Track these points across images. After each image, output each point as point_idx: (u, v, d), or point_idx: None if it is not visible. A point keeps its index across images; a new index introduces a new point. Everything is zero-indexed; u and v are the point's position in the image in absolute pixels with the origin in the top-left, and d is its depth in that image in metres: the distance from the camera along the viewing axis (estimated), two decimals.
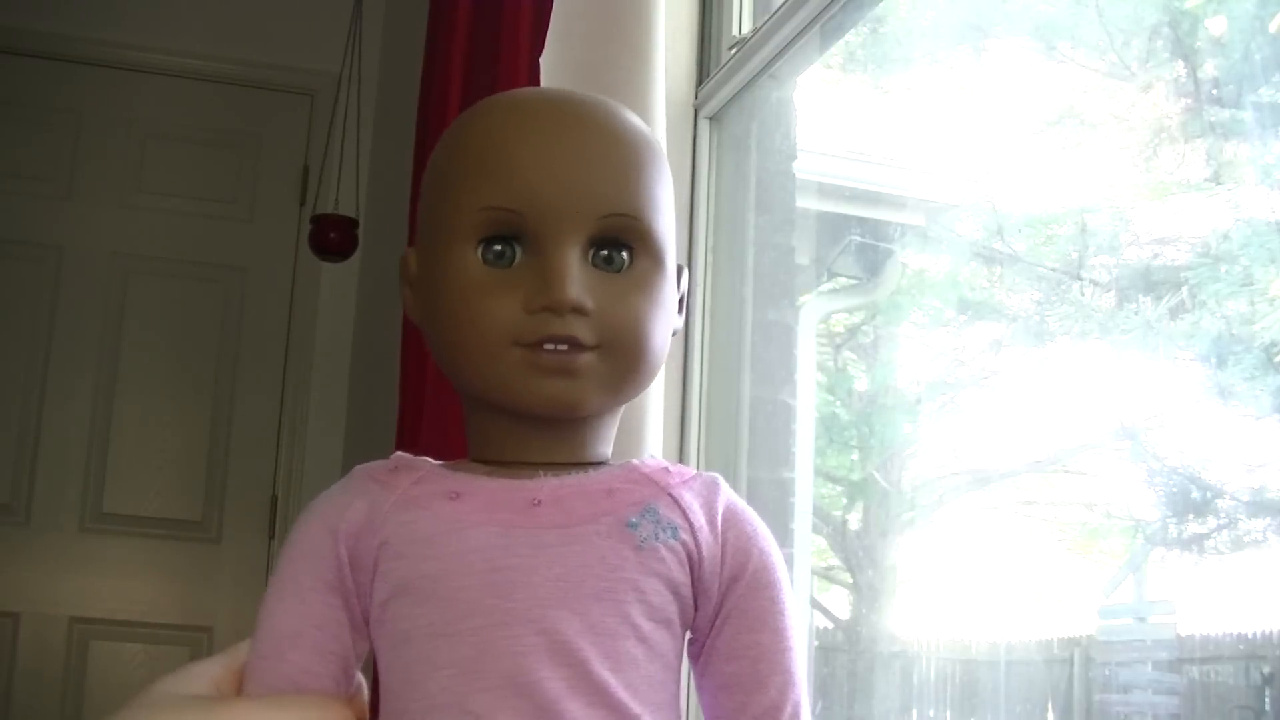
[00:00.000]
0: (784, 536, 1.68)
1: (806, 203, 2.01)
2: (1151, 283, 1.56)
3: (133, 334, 3.19)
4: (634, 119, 0.66)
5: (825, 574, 2.72)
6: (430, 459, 0.67)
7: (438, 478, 0.65)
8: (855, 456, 2.68)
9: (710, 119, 1.69)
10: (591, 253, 0.62)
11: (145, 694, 0.61)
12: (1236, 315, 1.34)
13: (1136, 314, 1.52)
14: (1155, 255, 1.66)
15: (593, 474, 0.64)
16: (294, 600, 0.62)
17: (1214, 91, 1.49)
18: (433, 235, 0.64)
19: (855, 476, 2.68)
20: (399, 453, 0.67)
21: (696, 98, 1.69)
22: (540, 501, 0.62)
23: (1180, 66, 1.55)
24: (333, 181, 2.95)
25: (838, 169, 2.38)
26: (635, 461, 0.66)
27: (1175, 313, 1.46)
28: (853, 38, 2.14)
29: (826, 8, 1.45)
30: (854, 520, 2.72)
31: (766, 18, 1.57)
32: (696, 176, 1.67)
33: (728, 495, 0.67)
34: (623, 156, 0.64)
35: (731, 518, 0.66)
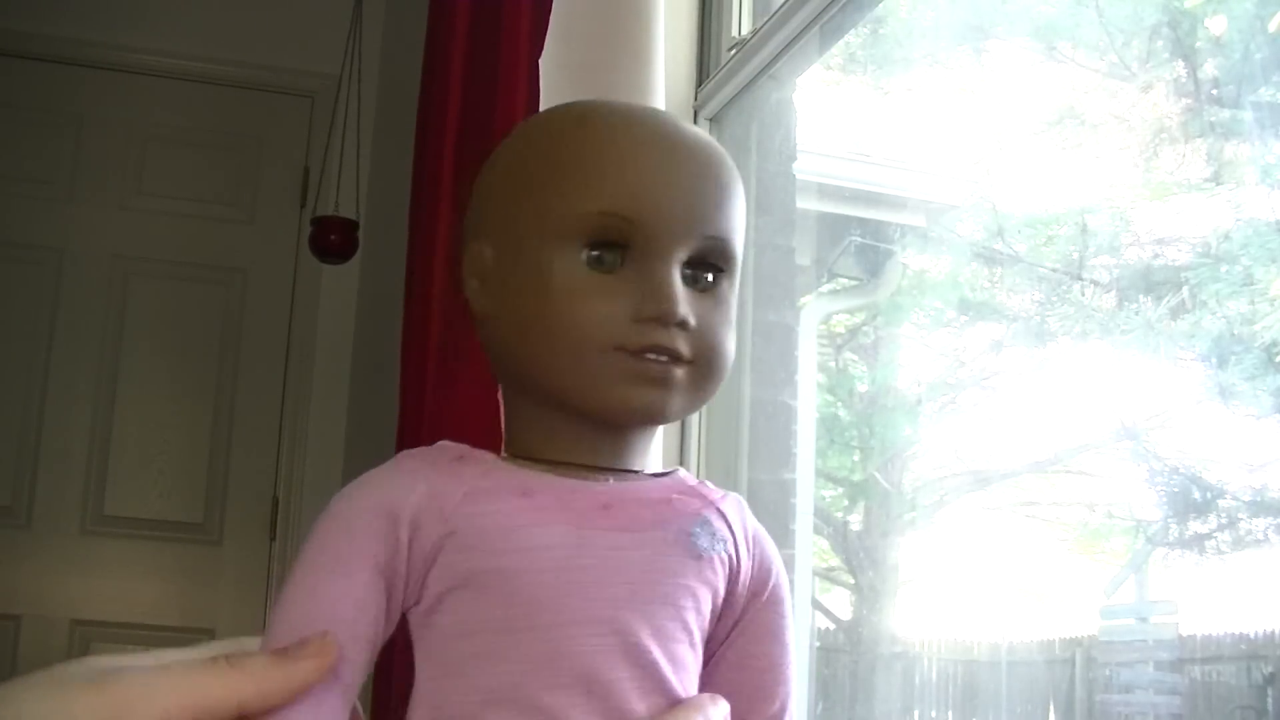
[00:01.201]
0: (785, 538, 1.68)
1: (807, 204, 2.01)
2: (1152, 283, 1.56)
3: (134, 336, 3.19)
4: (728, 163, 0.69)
5: (826, 575, 2.72)
6: (488, 452, 0.65)
7: (504, 473, 0.64)
8: (856, 457, 2.68)
9: (710, 120, 1.69)
10: (683, 269, 0.64)
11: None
12: (1237, 315, 1.34)
13: (1137, 314, 1.52)
14: (1156, 255, 1.66)
15: (647, 482, 0.66)
16: (340, 577, 0.59)
17: (1214, 91, 1.49)
18: (519, 233, 0.63)
19: (856, 477, 2.68)
20: (449, 442, 0.65)
21: (696, 99, 1.69)
22: (609, 505, 0.63)
23: (1180, 67, 1.55)
24: (333, 183, 2.95)
25: (838, 170, 2.38)
26: (681, 473, 0.68)
27: (1176, 313, 1.46)
28: (853, 38, 2.14)
29: (826, 8, 1.45)
30: (855, 521, 2.72)
31: (766, 18, 1.57)
32: None
33: (751, 514, 0.69)
34: (724, 180, 0.66)
35: (758, 536, 0.68)
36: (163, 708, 0.50)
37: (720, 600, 0.65)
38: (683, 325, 0.62)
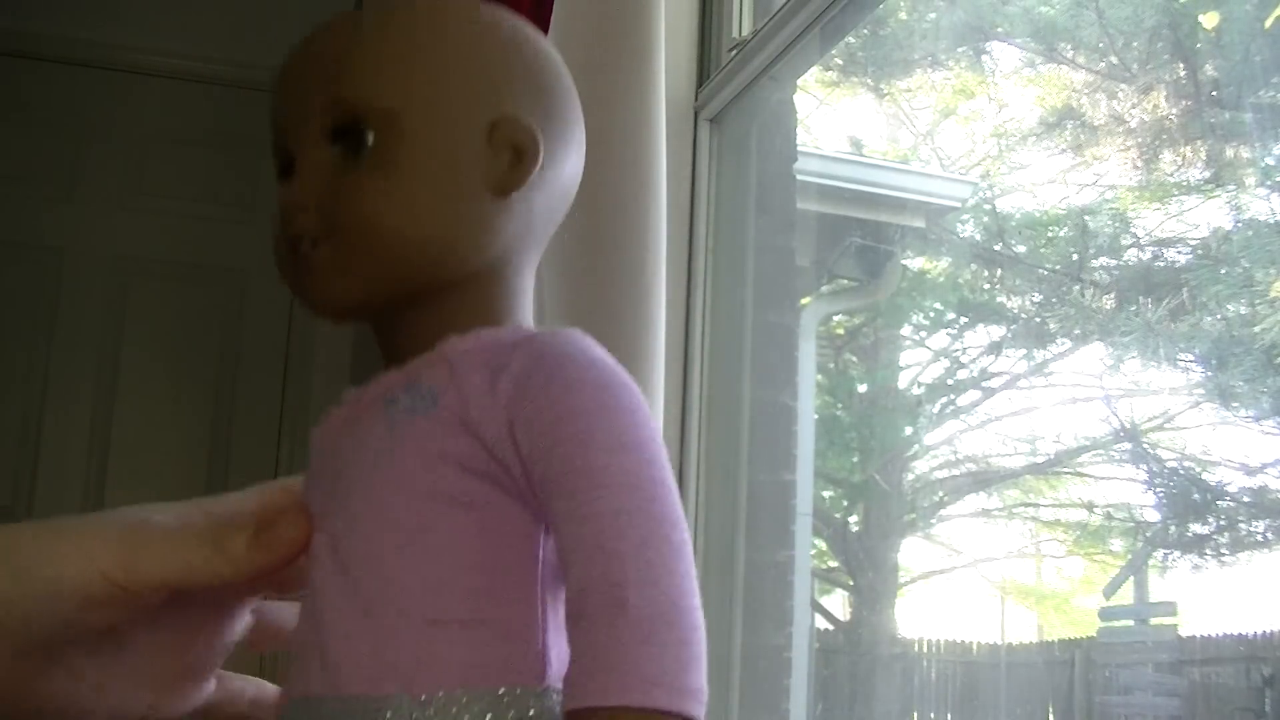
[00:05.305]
0: (784, 539, 1.68)
1: (807, 205, 2.02)
2: (1152, 284, 1.56)
3: (134, 336, 3.20)
4: (398, 9, 0.63)
5: (826, 576, 2.72)
6: None
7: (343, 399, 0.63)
8: (856, 459, 2.68)
9: (710, 121, 1.69)
10: (343, 145, 0.59)
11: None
12: (1237, 317, 1.34)
13: (1137, 315, 1.52)
14: (1155, 257, 1.66)
15: (406, 363, 0.58)
16: None
17: (1214, 93, 1.49)
18: None
19: (856, 478, 2.68)
20: None
21: (697, 99, 1.69)
22: (359, 400, 0.59)
23: (1180, 68, 1.55)
24: None
25: (838, 171, 2.38)
26: (463, 335, 0.58)
27: (1175, 314, 1.46)
28: (853, 39, 2.14)
29: (826, 9, 1.45)
30: (854, 522, 2.73)
31: (766, 19, 1.57)
32: (697, 178, 1.67)
33: (536, 349, 0.55)
34: (348, 41, 0.61)
35: (525, 373, 0.53)
36: (156, 567, 0.56)
37: (487, 463, 0.54)
38: (298, 206, 0.59)
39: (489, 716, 0.51)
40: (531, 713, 0.51)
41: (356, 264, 0.58)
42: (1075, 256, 1.75)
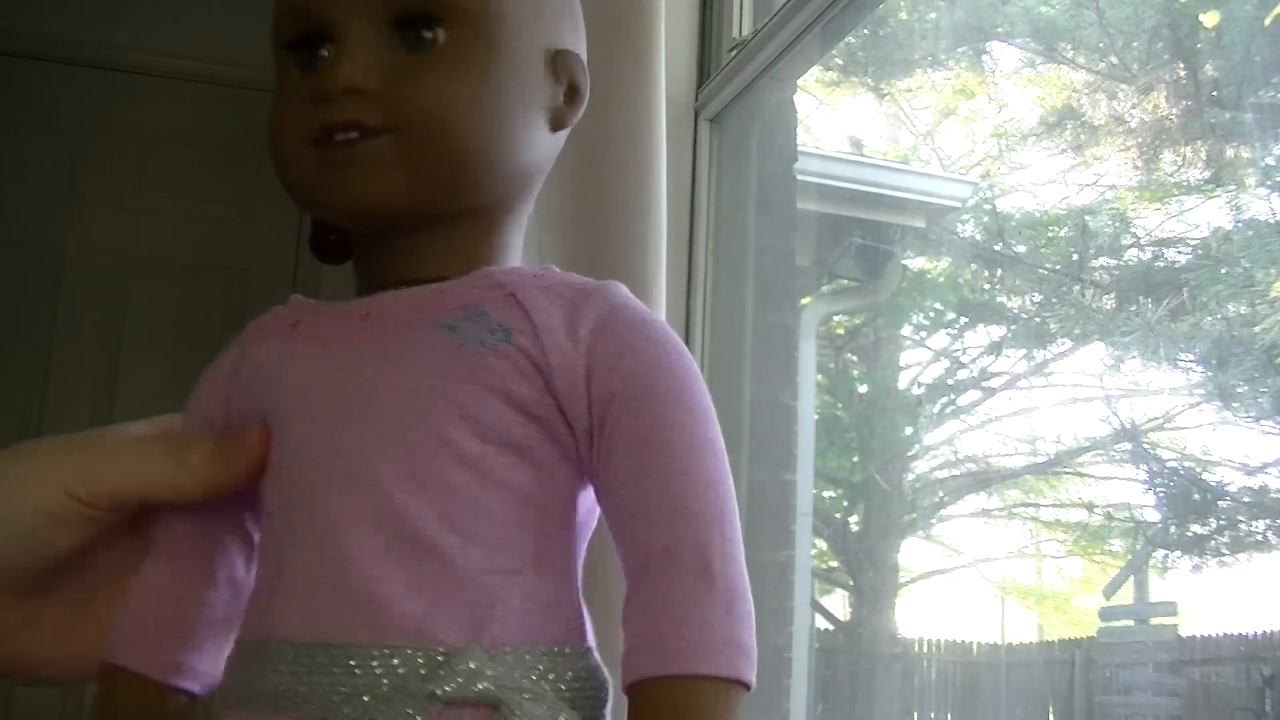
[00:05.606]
0: (784, 539, 1.68)
1: (807, 205, 2.02)
2: (1152, 284, 1.56)
3: (134, 336, 3.20)
4: None
5: (826, 576, 2.73)
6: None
7: (295, 310, 0.61)
8: (856, 459, 2.68)
9: (711, 120, 1.69)
10: (400, 34, 0.54)
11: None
12: (1237, 317, 1.34)
13: (1137, 315, 1.52)
14: (1156, 257, 1.66)
15: (442, 283, 0.54)
16: None
17: (1214, 93, 1.49)
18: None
19: (856, 478, 2.68)
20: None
21: (697, 99, 1.69)
22: (369, 315, 0.55)
23: (1180, 68, 1.55)
24: None
25: (839, 171, 2.38)
26: (501, 268, 0.55)
27: (1176, 314, 1.46)
28: (853, 39, 2.14)
29: (826, 9, 1.45)
30: (854, 522, 2.73)
31: (767, 19, 1.57)
32: (697, 178, 1.67)
33: (611, 301, 0.53)
34: None
35: (605, 323, 0.52)
36: (117, 481, 0.56)
37: (548, 408, 0.51)
38: (355, 91, 0.53)
39: (552, 675, 0.49)
40: (584, 673, 0.50)
41: (418, 163, 0.53)
42: (1075, 256, 1.75)
